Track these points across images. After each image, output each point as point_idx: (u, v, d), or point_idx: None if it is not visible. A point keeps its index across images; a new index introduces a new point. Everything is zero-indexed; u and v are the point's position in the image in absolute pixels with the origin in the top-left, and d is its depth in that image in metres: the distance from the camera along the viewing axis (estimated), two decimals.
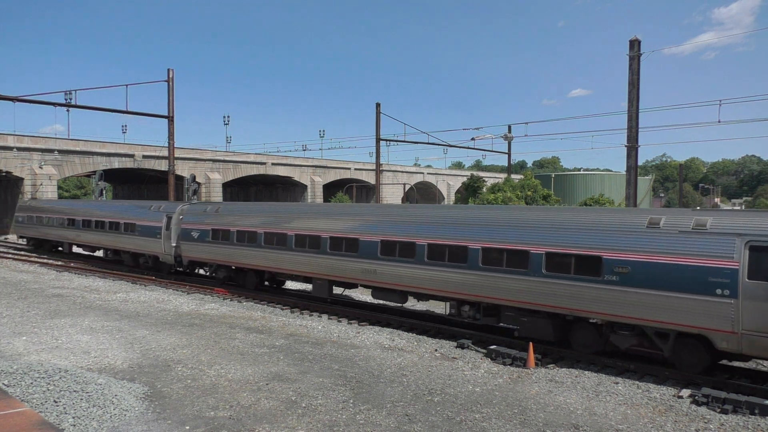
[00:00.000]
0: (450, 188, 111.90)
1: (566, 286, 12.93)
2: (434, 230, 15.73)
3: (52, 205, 38.69)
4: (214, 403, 9.91)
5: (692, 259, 11.31)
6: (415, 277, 15.87)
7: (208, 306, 19.44)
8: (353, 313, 18.06)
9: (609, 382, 11.57)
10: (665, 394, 10.80)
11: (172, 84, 38.55)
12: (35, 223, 38.35)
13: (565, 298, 12.99)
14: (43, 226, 37.27)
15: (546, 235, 13.53)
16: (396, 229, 16.63)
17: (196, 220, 23.82)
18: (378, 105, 52.52)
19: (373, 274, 16.94)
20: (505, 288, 13.97)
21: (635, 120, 27.83)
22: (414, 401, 10.16)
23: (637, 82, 27.82)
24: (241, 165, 73.31)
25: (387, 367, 12.38)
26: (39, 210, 38.36)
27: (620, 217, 12.90)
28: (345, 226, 18.05)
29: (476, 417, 9.44)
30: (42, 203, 40.82)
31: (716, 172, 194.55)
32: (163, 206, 27.01)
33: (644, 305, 11.74)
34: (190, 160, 66.39)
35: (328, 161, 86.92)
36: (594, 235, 12.79)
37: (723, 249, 11.04)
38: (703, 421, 9.46)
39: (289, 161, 79.94)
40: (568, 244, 13.10)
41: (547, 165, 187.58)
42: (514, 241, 13.95)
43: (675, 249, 11.56)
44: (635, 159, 28.29)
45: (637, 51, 27.77)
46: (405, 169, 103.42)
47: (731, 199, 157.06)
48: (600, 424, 9.28)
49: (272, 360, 12.74)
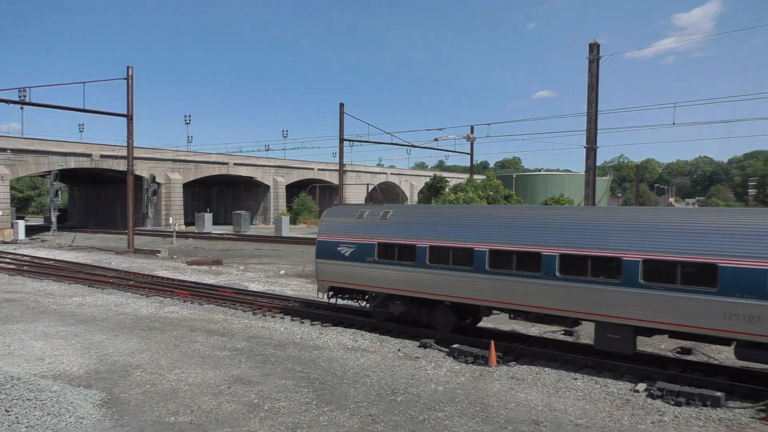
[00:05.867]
0: (413, 188, 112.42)
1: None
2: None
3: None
4: (174, 408, 9.74)
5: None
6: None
7: (168, 309, 19.09)
8: (316, 314, 17.97)
9: (568, 378, 11.79)
10: (622, 389, 11.07)
11: (131, 82, 37.74)
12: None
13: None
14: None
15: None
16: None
17: (346, 231, 16.39)
18: (341, 105, 52.40)
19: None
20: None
21: (594, 122, 28.45)
22: (377, 401, 10.18)
23: (596, 85, 28.44)
24: (202, 165, 72.23)
25: (350, 367, 12.37)
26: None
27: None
28: (686, 243, 11.13)
29: (439, 416, 9.51)
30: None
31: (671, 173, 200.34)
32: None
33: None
34: (150, 160, 65.09)
35: (291, 161, 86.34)
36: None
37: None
38: (658, 414, 9.72)
39: (252, 161, 79.10)
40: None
41: (508, 165, 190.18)
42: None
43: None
44: (594, 160, 28.93)
45: (596, 54, 28.39)
46: (368, 169, 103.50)
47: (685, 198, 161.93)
48: (560, 419, 9.45)
49: (234, 363, 12.59)
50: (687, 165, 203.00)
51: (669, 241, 11.25)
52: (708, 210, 12.93)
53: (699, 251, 10.87)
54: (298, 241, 49.20)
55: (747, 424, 9.28)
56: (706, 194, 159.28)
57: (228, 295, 21.51)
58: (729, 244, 10.64)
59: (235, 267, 32.23)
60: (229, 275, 28.78)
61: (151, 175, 45.96)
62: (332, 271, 16.62)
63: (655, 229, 11.56)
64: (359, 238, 16.00)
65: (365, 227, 16.06)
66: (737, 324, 10.42)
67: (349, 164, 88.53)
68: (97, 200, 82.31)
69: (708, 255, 10.74)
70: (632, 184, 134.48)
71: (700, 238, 10.99)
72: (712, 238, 10.87)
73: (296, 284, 25.78)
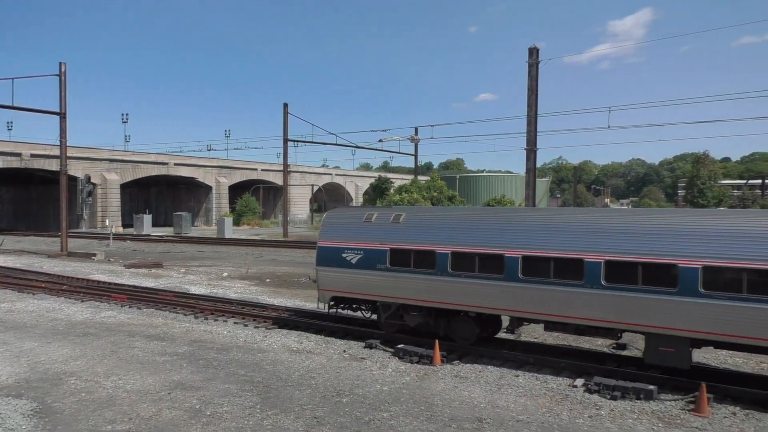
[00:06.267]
0: (358, 189, 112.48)
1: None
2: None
3: None
4: (111, 417, 9.41)
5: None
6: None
7: (105, 314, 18.43)
8: (261, 316, 17.73)
9: (510, 375, 12.05)
10: (561, 384, 11.39)
11: (64, 78, 36.23)
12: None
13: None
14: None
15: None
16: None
17: (352, 236, 14.87)
18: (285, 105, 51.88)
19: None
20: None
21: (534, 124, 29.19)
22: (322, 403, 10.13)
23: (536, 88, 29.19)
24: (141, 165, 70.08)
25: (295, 370, 12.26)
26: None
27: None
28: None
29: (384, 416, 9.55)
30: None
31: (606, 174, 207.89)
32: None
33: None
34: (85, 159, 62.68)
35: (233, 162, 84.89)
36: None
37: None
38: (595, 408, 10.06)
39: (193, 161, 77.35)
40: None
41: (452, 167, 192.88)
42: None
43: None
44: (534, 161, 29.68)
45: (535, 58, 29.14)
46: (313, 170, 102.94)
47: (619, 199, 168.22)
48: (502, 416, 9.65)
49: (175, 368, 12.27)
50: (621, 167, 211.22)
51: (736, 245, 10.31)
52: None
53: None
54: (241, 242, 48.41)
55: (677, 416, 9.72)
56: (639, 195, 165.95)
57: (168, 298, 20.94)
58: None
59: (176, 270, 31.42)
60: (170, 278, 28.03)
61: (86, 175, 44.28)
62: (336, 279, 15.04)
63: (717, 233, 10.59)
64: (368, 243, 14.47)
65: (375, 232, 14.54)
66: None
67: (294, 165, 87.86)
68: (27, 202, 78.62)
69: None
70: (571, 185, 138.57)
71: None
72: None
73: (240, 286, 25.36)
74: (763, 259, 9.99)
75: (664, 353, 11.01)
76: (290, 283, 26.62)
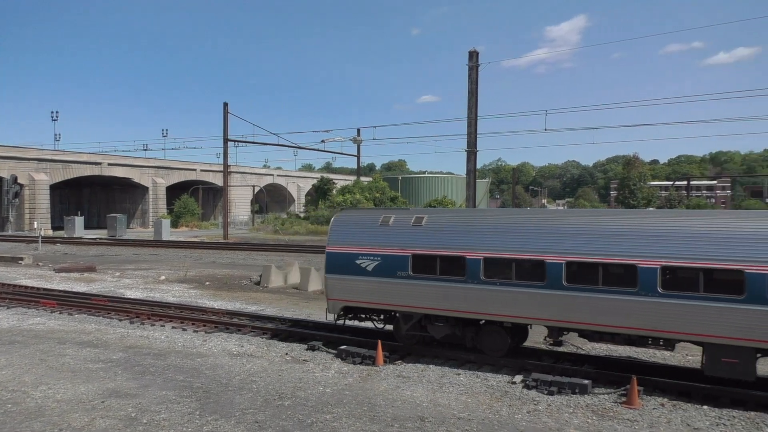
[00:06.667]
0: (300, 190, 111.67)
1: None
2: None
3: None
4: (40, 428, 8.98)
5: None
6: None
7: (33, 321, 17.59)
8: (200, 320, 17.33)
9: (452, 373, 12.22)
10: (501, 381, 11.64)
11: None
12: None
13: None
14: None
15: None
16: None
17: (367, 240, 13.78)
18: (225, 104, 51.02)
19: None
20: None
21: (474, 126, 29.73)
22: (264, 407, 9.99)
23: (476, 91, 29.74)
24: (72, 165, 67.34)
25: (236, 374, 12.05)
26: None
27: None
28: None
29: (327, 418, 9.51)
30: None
31: (543, 176, 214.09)
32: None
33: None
34: (11, 159, 59.70)
35: (171, 162, 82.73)
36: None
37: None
38: (533, 403, 10.33)
39: (129, 161, 74.90)
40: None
41: (394, 168, 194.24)
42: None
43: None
44: (474, 163, 30.23)
45: (475, 62, 29.69)
46: (254, 170, 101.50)
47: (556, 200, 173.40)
48: (444, 414, 9.77)
49: (109, 375, 11.84)
50: (558, 168, 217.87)
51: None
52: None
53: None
54: (180, 245, 47.20)
55: (610, 408, 10.10)
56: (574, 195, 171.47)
57: (102, 303, 20.17)
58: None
59: (111, 274, 30.32)
60: (104, 282, 27.02)
61: (12, 175, 42.18)
62: (349, 288, 13.85)
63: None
64: (386, 249, 13.40)
65: (394, 236, 13.47)
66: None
67: (234, 165, 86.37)
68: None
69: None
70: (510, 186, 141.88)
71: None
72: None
73: (178, 290, 24.71)
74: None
75: (727, 365, 10.35)
76: (231, 285, 26.14)
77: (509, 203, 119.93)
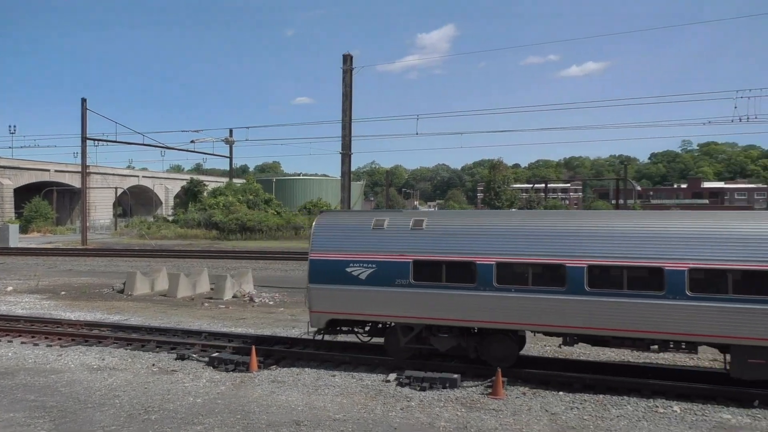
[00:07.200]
0: (168, 192, 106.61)
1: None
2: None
3: None
4: None
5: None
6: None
7: None
8: (54, 333, 15.95)
9: (327, 375, 12.24)
10: (375, 380, 11.84)
11: None
12: None
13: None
14: None
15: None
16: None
17: (358, 246, 12.50)
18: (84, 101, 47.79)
19: None
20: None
21: (348, 129, 29.98)
22: (128, 423, 9.40)
23: (350, 94, 30.02)
24: None
25: (96, 389, 11.23)
26: None
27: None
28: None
29: (198, 429, 9.14)
30: None
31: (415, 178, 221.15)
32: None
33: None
34: None
35: (20, 161, 75.60)
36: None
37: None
38: (407, 400, 10.62)
39: None
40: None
41: (268, 170, 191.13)
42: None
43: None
44: (348, 165, 30.47)
45: (349, 65, 29.96)
46: (117, 171, 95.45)
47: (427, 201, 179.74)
48: (319, 416, 9.76)
49: None
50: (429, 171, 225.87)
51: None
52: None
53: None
54: (30, 252, 43.30)
55: (478, 400, 10.62)
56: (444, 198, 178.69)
57: None
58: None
59: None
60: None
61: None
62: (338, 299, 12.48)
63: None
64: (382, 255, 12.20)
65: (390, 241, 12.30)
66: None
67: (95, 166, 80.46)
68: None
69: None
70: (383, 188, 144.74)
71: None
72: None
73: (29, 301, 22.59)
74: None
75: (755, 366, 10.22)
76: (90, 294, 24.33)
77: (383, 205, 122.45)
